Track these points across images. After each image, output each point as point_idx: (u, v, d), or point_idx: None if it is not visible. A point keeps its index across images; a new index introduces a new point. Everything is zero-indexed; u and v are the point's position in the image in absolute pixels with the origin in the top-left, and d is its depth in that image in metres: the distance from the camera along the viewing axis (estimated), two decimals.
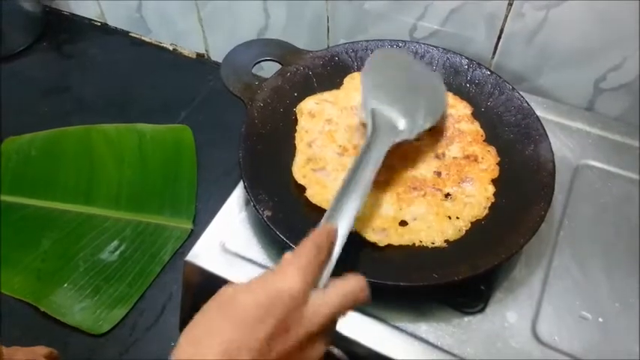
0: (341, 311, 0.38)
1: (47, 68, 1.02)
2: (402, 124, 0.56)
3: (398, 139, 0.54)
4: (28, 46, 1.06)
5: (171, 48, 1.04)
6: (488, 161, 0.60)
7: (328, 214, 0.45)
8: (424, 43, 0.69)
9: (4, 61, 1.03)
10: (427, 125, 0.57)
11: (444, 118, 0.61)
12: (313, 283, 0.37)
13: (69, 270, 0.73)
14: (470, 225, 0.55)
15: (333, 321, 0.38)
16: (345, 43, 0.69)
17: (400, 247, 0.53)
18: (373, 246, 0.53)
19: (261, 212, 0.53)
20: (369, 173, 0.50)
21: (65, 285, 0.72)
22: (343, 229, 0.44)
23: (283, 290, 0.36)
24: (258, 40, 0.69)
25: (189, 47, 1.03)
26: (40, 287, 0.72)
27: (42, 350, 0.58)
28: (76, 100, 0.97)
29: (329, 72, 0.67)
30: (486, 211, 0.56)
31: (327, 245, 0.40)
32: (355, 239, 0.53)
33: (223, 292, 0.37)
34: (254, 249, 0.56)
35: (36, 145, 0.88)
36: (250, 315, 0.35)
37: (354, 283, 0.39)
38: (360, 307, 0.51)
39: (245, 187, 0.55)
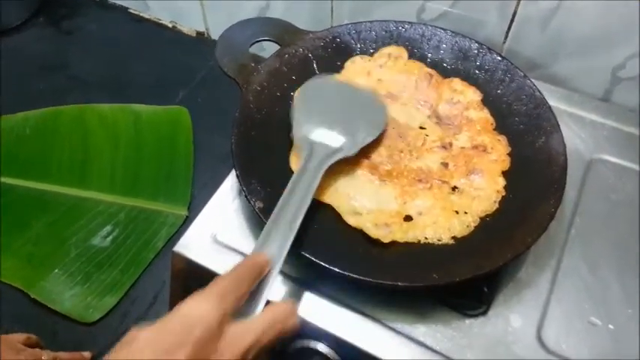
0: (265, 340, 0.38)
1: (44, 44, 1.00)
2: (339, 141, 0.54)
3: (336, 158, 0.52)
4: (25, 21, 1.03)
5: (170, 25, 1.02)
6: (499, 151, 0.57)
7: (259, 243, 0.44)
8: (431, 25, 0.65)
9: (0, 36, 1.00)
10: (369, 139, 0.56)
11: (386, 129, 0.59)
12: (232, 313, 0.37)
13: (60, 255, 0.71)
14: (479, 220, 0.52)
15: (259, 350, 0.37)
16: (348, 24, 0.66)
17: (404, 243, 0.51)
18: (375, 242, 0.51)
19: (252, 203, 0.51)
20: (302, 198, 0.48)
21: (56, 271, 0.70)
22: (275, 259, 0.43)
23: (194, 319, 0.35)
24: (255, 18, 0.66)
25: (189, 25, 1.00)
26: (31, 272, 0.70)
27: (19, 337, 0.57)
28: (72, 78, 0.94)
29: (330, 54, 0.64)
30: (496, 205, 0.53)
31: (253, 276, 0.40)
32: (356, 235, 0.51)
33: (128, 334, 0.35)
34: (246, 241, 0.54)
35: (30, 124, 0.86)
36: (157, 348, 0.34)
37: (280, 311, 0.39)
38: (355, 306, 0.49)
39: (237, 175, 0.52)
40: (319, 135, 0.54)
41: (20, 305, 0.68)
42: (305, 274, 0.51)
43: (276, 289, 0.50)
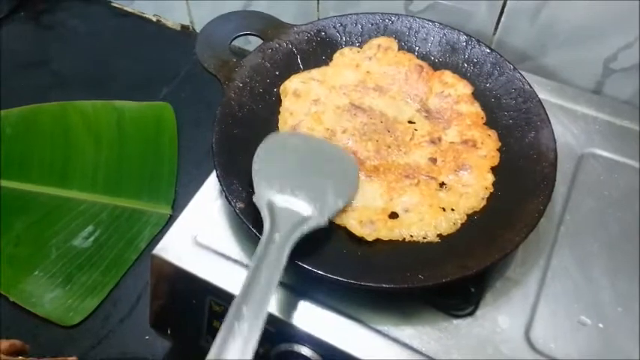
0: None
1: (24, 40, 0.98)
2: (307, 210, 0.47)
3: (305, 229, 0.45)
4: (5, 16, 1.01)
5: (154, 19, 1.00)
6: (488, 146, 0.56)
7: (215, 349, 0.37)
8: (419, 18, 0.64)
9: None
10: (340, 204, 0.49)
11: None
12: None
13: (41, 257, 0.70)
14: (466, 218, 0.51)
15: None
16: (333, 17, 0.64)
17: (389, 242, 0.49)
18: (360, 241, 0.49)
19: (233, 204, 0.49)
20: (268, 282, 0.41)
21: (36, 273, 0.68)
22: None
23: None
24: (238, 12, 0.64)
25: (174, 18, 0.98)
26: (11, 274, 0.68)
27: (2, 344, 0.55)
28: (54, 74, 0.92)
29: (314, 48, 0.63)
30: (484, 202, 0.52)
31: None
32: (340, 233, 0.50)
33: None
34: (228, 243, 0.52)
35: (11, 123, 0.84)
36: None
37: None
38: (338, 308, 0.48)
39: (217, 175, 0.51)
40: (284, 200, 0.47)
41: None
42: (286, 275, 0.49)
43: None
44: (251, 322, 0.39)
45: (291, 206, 0.47)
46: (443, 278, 0.45)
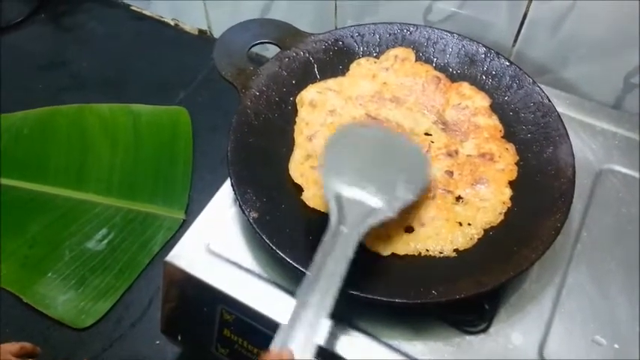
0: None
1: (44, 42, 0.99)
2: (376, 201, 0.46)
3: (374, 221, 0.45)
4: (25, 18, 1.02)
5: (172, 23, 1.01)
6: (506, 160, 0.55)
7: (282, 334, 0.38)
8: (437, 29, 0.63)
9: (0, 33, 0.99)
10: (410, 196, 0.48)
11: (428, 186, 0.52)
12: None
13: (54, 259, 0.70)
14: (483, 232, 0.50)
15: None
16: (351, 26, 0.63)
17: (405, 256, 0.49)
18: (374, 254, 0.49)
19: (247, 213, 0.49)
20: (334, 272, 0.41)
21: (50, 274, 0.69)
22: (302, 355, 0.37)
23: None
24: (255, 20, 0.64)
25: (192, 23, 0.99)
26: (25, 276, 0.69)
27: (12, 347, 0.55)
28: (71, 76, 0.93)
29: (332, 57, 0.62)
30: (501, 217, 0.51)
31: None
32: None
33: None
34: (241, 252, 0.52)
35: (28, 124, 0.85)
36: None
37: None
38: (350, 321, 0.47)
39: (232, 184, 0.51)
40: (352, 192, 0.46)
41: (13, 309, 0.67)
42: (297, 286, 0.49)
43: (271, 302, 0.49)
44: (316, 310, 0.39)
45: (360, 198, 0.46)
46: (457, 294, 0.44)
